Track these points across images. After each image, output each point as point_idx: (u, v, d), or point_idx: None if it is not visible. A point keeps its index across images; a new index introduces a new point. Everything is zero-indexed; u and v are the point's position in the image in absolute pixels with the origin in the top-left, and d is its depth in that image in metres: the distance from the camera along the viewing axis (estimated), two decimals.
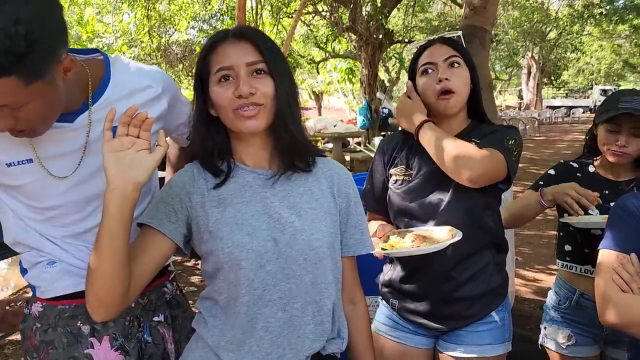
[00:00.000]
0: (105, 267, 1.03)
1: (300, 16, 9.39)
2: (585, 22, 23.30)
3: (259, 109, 1.11)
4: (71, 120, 1.20)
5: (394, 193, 1.65)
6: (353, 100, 18.84)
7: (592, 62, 36.44)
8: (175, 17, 11.94)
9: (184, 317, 1.45)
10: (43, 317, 1.28)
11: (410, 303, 1.64)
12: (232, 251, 1.10)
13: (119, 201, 1.02)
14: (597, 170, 1.90)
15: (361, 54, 11.86)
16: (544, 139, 18.92)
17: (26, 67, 0.96)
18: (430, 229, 1.54)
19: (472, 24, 3.64)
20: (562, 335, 1.90)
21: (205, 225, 1.14)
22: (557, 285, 1.97)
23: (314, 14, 12.58)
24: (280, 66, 1.15)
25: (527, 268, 4.92)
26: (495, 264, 1.63)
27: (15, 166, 1.18)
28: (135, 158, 1.04)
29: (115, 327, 1.29)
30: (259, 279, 1.12)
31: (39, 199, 1.23)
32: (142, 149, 1.05)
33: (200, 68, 1.16)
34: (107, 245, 1.02)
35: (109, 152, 1.03)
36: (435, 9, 20.34)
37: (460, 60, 1.56)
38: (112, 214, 1.02)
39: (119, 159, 1.03)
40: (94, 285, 1.04)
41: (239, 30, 1.16)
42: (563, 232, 1.96)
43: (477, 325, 1.60)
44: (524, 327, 3.42)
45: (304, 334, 1.15)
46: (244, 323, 1.13)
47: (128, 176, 1.03)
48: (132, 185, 1.03)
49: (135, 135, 1.06)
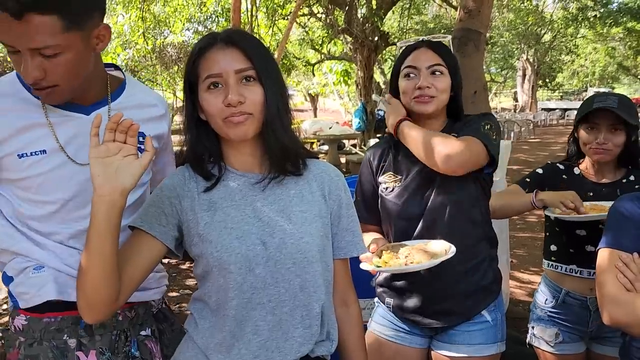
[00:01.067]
0: (94, 270, 1.03)
1: (295, 18, 9.40)
2: (580, 24, 23.43)
3: (247, 116, 1.11)
4: (87, 112, 1.25)
5: (387, 200, 1.65)
6: (349, 102, 18.88)
7: (586, 64, 36.58)
8: (170, 18, 11.92)
9: (171, 330, 1.44)
10: (27, 330, 1.25)
11: (404, 300, 1.65)
12: (221, 255, 1.11)
13: (107, 208, 1.03)
14: (583, 172, 1.95)
15: (357, 56, 11.87)
16: (538, 141, 18.99)
17: (71, 9, 1.03)
18: (424, 243, 1.54)
19: (467, 26, 3.64)
20: (549, 334, 1.94)
21: (195, 229, 1.15)
22: (543, 285, 2.01)
23: (310, 16, 12.59)
24: (271, 72, 1.14)
25: (522, 270, 4.93)
26: (491, 258, 1.66)
27: (27, 157, 1.18)
28: (122, 164, 1.05)
29: (102, 341, 1.26)
30: (248, 283, 1.12)
31: (47, 191, 1.22)
32: (129, 155, 1.06)
33: (188, 73, 1.15)
34: (96, 249, 1.03)
35: (96, 158, 1.04)
36: (431, 11, 20.42)
37: (442, 68, 1.57)
38: (99, 220, 1.03)
39: (106, 166, 1.04)
40: (84, 287, 1.05)
41: (227, 35, 1.14)
42: (549, 232, 2.01)
43: (469, 324, 1.61)
44: (519, 329, 3.42)
45: (292, 337, 1.15)
46: (233, 326, 1.13)
47: (115, 183, 1.03)
48: (120, 192, 1.04)
49: (122, 141, 1.06)
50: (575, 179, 1.94)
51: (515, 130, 19.30)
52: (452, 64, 1.60)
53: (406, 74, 1.60)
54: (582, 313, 1.87)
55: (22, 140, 1.19)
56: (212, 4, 11.57)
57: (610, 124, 1.80)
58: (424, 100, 1.56)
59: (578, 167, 1.97)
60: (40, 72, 1.08)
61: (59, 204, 1.24)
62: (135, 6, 9.76)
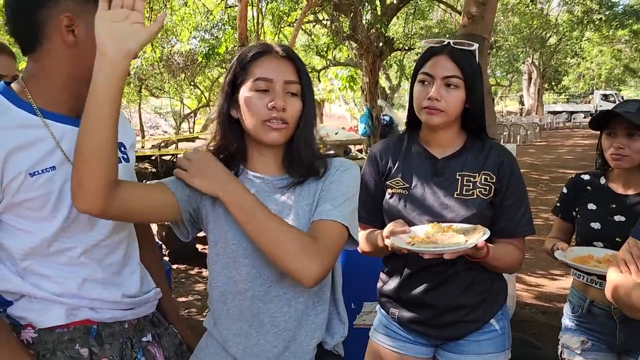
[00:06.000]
0: (88, 143, 1.01)
1: (301, 25, 9.46)
2: (585, 27, 23.38)
3: (285, 125, 1.19)
4: None
5: (392, 205, 1.61)
6: (354, 108, 18.90)
7: (592, 67, 36.44)
8: (177, 27, 12.04)
9: (167, 334, 1.45)
10: (39, 343, 1.21)
11: (411, 311, 1.63)
12: (237, 248, 1.19)
13: (108, 68, 0.99)
14: (608, 183, 1.93)
15: (362, 61, 11.91)
16: (545, 144, 18.93)
17: None
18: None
19: (471, 32, 3.67)
20: (576, 340, 1.92)
21: (213, 217, 1.23)
22: (571, 294, 2.01)
23: (315, 22, 12.66)
24: (311, 91, 1.24)
25: (529, 273, 4.94)
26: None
27: (38, 175, 1.14)
28: (129, 29, 1.01)
29: (111, 349, 1.27)
30: (263, 276, 1.20)
31: (58, 207, 1.17)
32: (136, 22, 1.02)
33: (237, 71, 1.21)
34: (92, 117, 1.00)
35: (102, 19, 1.00)
36: (435, 17, 20.44)
37: (458, 81, 1.51)
38: (99, 83, 1.00)
39: (111, 27, 1.00)
40: (77, 166, 1.03)
41: (283, 49, 1.23)
42: (575, 242, 2.01)
43: (479, 334, 1.60)
44: (525, 332, 3.44)
45: (306, 324, 1.23)
46: (249, 317, 1.21)
47: (119, 43, 0.99)
48: (123, 52, 1.00)
49: (130, 6, 1.02)
50: (599, 189, 1.93)
51: (522, 134, 19.25)
52: (470, 77, 1.52)
53: (421, 80, 1.56)
54: (608, 323, 1.85)
55: (32, 158, 1.14)
56: (219, 12, 11.68)
57: (627, 130, 1.79)
58: (431, 112, 1.52)
59: (604, 177, 1.95)
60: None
61: (71, 217, 1.20)
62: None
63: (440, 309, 1.59)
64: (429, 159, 1.61)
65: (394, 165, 1.64)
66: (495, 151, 1.59)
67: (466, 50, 1.55)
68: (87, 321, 1.24)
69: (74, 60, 1.16)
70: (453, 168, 1.57)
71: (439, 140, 1.60)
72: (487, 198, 1.55)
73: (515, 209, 1.56)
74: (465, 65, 1.52)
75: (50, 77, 1.18)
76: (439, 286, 1.58)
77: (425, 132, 1.62)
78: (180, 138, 13.09)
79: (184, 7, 11.36)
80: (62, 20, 1.12)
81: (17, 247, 1.18)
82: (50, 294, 1.20)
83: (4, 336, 1.16)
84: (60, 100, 1.19)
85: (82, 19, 1.13)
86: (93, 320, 1.24)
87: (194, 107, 21.55)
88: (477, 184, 1.55)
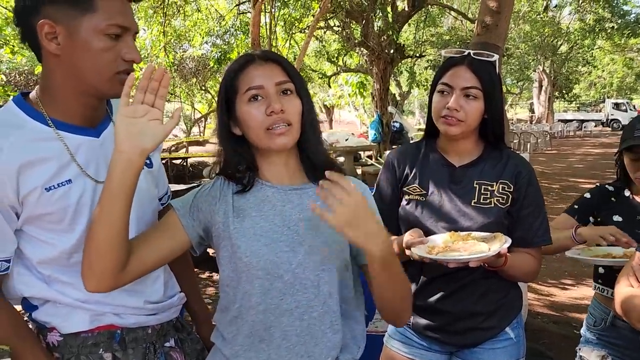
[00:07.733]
0: (100, 232, 1.05)
1: (313, 32, 9.51)
2: (597, 36, 23.24)
3: (288, 127, 1.16)
4: (97, 134, 1.24)
5: (409, 212, 1.62)
6: (364, 114, 18.92)
7: (603, 75, 36.29)
8: (189, 32, 12.14)
9: (190, 339, 1.46)
10: (64, 346, 1.23)
11: (426, 318, 1.63)
12: (250, 260, 1.15)
13: (124, 165, 1.04)
14: (633, 195, 1.91)
15: (373, 68, 11.96)
16: (555, 153, 18.84)
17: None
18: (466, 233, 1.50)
19: (484, 40, 3.68)
20: (597, 354, 1.87)
21: (225, 233, 1.19)
22: (592, 307, 1.97)
23: (326, 29, 12.73)
24: (304, 87, 1.23)
25: (540, 282, 4.92)
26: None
27: (54, 189, 1.14)
28: (146, 126, 1.05)
29: (134, 354, 1.27)
30: (276, 289, 1.16)
31: (76, 219, 1.18)
32: (154, 119, 1.07)
33: (227, 88, 1.20)
34: (105, 209, 1.05)
35: (123, 116, 1.05)
36: (446, 24, 20.45)
37: (477, 92, 1.51)
38: (114, 177, 1.04)
39: (130, 124, 1.05)
40: (88, 251, 1.07)
41: (263, 53, 1.22)
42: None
43: (494, 342, 1.60)
44: (536, 341, 3.43)
45: (321, 341, 1.18)
46: (261, 331, 1.17)
47: (136, 141, 1.04)
48: (139, 151, 1.05)
49: (151, 103, 1.07)
50: (624, 201, 1.90)
51: (532, 142, 19.17)
52: (489, 87, 1.52)
53: (440, 90, 1.56)
54: (633, 337, 1.77)
55: (47, 174, 1.13)
56: (231, 18, 11.77)
57: None
58: (450, 122, 1.52)
59: (629, 189, 1.92)
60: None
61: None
62: (157, 21, 9.97)
63: (456, 315, 1.59)
64: (446, 166, 1.61)
65: (411, 171, 1.65)
66: (513, 161, 1.60)
67: (486, 61, 1.55)
68: (111, 326, 1.25)
69: (65, 69, 1.14)
70: (471, 176, 1.58)
71: (456, 149, 1.61)
72: (504, 207, 1.55)
73: (533, 219, 1.56)
74: (484, 76, 1.52)
75: (53, 87, 1.17)
76: (455, 293, 1.59)
77: (443, 140, 1.63)
78: (191, 141, 13.16)
79: (197, 12, 11.45)
80: (42, 27, 1.10)
81: (38, 257, 1.19)
82: (75, 300, 1.21)
83: (29, 346, 1.19)
84: (71, 110, 1.18)
85: (63, 25, 1.10)
86: (117, 325, 1.25)
87: (204, 112, 21.70)
88: (494, 193, 1.56)
